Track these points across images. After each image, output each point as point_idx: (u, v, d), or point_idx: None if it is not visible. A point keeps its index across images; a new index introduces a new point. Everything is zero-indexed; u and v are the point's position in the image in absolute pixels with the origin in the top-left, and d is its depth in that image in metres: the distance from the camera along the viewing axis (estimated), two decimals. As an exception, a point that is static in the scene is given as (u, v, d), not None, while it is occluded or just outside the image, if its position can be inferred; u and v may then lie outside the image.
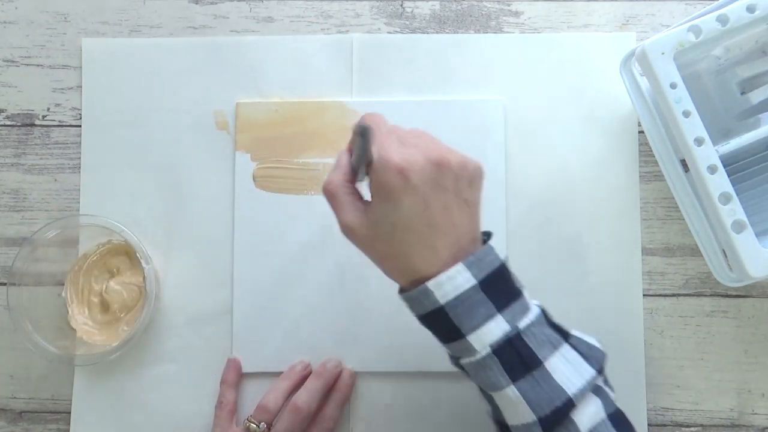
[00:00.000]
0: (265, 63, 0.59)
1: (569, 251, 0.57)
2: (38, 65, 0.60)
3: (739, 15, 0.48)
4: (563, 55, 0.59)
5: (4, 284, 0.56)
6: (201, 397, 0.57)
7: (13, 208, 0.59)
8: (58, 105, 0.60)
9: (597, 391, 0.42)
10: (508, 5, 0.60)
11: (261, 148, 0.58)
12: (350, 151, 0.45)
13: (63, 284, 0.57)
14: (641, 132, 0.58)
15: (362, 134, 0.41)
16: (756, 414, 0.56)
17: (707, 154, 0.47)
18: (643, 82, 0.53)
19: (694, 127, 0.47)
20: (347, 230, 0.43)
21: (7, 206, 0.59)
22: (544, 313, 0.44)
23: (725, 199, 0.47)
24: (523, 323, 0.41)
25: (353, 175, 0.43)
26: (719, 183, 0.47)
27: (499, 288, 0.42)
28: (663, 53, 0.48)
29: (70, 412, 0.57)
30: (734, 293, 0.57)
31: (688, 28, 0.48)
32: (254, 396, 0.56)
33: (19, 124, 0.60)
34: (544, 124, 0.58)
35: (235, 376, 0.56)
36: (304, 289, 0.57)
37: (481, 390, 0.44)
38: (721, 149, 0.50)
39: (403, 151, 0.41)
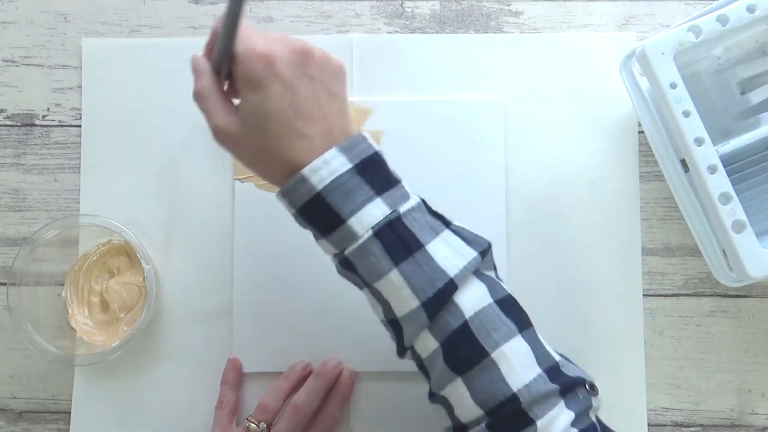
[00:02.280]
0: (265, 63, 0.59)
1: (569, 251, 0.57)
2: (38, 65, 0.60)
3: (739, 15, 0.48)
4: (563, 55, 0.59)
5: (4, 284, 0.56)
6: (201, 397, 0.57)
7: (13, 208, 0.59)
8: (58, 105, 0.60)
9: (481, 277, 0.43)
10: (508, 5, 0.60)
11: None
12: (208, 55, 0.44)
13: (63, 284, 0.57)
14: (641, 132, 0.58)
15: (233, 10, 0.40)
16: (756, 414, 0.56)
17: (707, 154, 0.47)
18: (643, 82, 0.53)
19: (694, 127, 0.47)
20: (219, 133, 0.43)
21: (7, 206, 0.59)
22: (424, 203, 0.43)
23: (725, 199, 0.47)
24: (404, 207, 0.41)
25: (218, 77, 0.43)
26: (719, 183, 0.47)
27: (376, 174, 0.42)
28: (663, 53, 0.48)
29: (70, 412, 0.57)
30: (734, 293, 0.57)
31: (688, 28, 0.48)
32: (254, 396, 0.56)
33: (19, 124, 0.60)
34: (544, 124, 0.58)
35: (236, 377, 0.56)
36: (304, 289, 0.57)
37: (371, 292, 0.43)
38: (721, 149, 0.50)
39: (266, 40, 0.41)
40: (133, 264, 0.58)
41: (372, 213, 0.41)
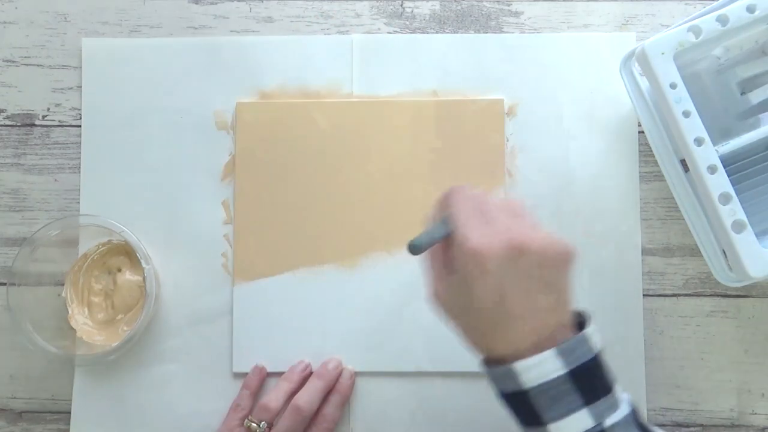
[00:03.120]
0: (265, 63, 0.59)
1: (569, 251, 0.57)
2: (38, 65, 0.60)
3: (739, 15, 0.48)
4: (563, 55, 0.59)
5: (4, 284, 0.56)
6: (201, 397, 0.57)
7: (13, 208, 0.59)
8: (58, 105, 0.60)
9: None
10: (508, 5, 0.60)
11: (261, 148, 0.58)
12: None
13: (63, 284, 0.57)
14: (641, 132, 0.58)
15: (444, 223, 0.42)
16: (756, 414, 0.56)
17: (707, 154, 0.47)
18: (643, 82, 0.53)
19: (694, 127, 0.47)
20: (432, 296, 0.43)
21: (7, 206, 0.59)
22: (634, 413, 0.41)
23: (725, 199, 0.47)
24: (609, 421, 0.39)
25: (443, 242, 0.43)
26: (719, 183, 0.47)
27: (590, 381, 0.40)
28: (663, 53, 0.48)
29: (70, 412, 0.57)
30: (734, 293, 0.57)
31: (688, 28, 0.48)
32: (254, 396, 0.56)
33: (19, 124, 0.60)
34: (544, 124, 0.58)
35: (258, 384, 0.56)
36: (304, 289, 0.57)
37: None
38: (721, 149, 0.50)
39: (483, 231, 0.40)
40: (133, 264, 0.58)
41: (575, 424, 0.39)
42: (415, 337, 0.57)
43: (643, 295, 0.57)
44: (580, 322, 0.42)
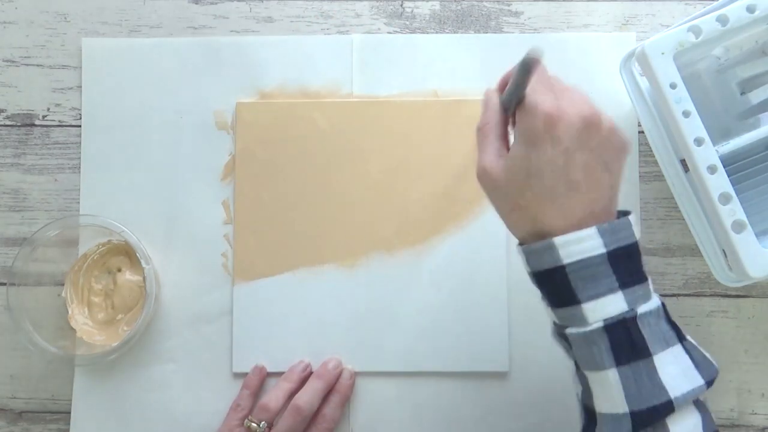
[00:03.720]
0: (265, 63, 0.59)
1: (569, 251, 0.57)
2: (38, 65, 0.60)
3: (739, 15, 0.48)
4: (563, 55, 0.59)
5: (4, 284, 0.56)
6: (201, 396, 0.57)
7: (13, 208, 0.59)
8: (58, 105, 0.60)
9: (700, 406, 0.40)
10: (508, 5, 0.60)
11: (261, 148, 0.58)
12: (501, 89, 0.43)
13: (63, 284, 0.57)
14: (641, 132, 0.58)
15: (525, 67, 0.39)
16: (756, 414, 0.56)
17: (707, 154, 0.47)
18: (643, 82, 0.53)
19: (694, 127, 0.47)
20: (482, 173, 0.41)
21: (7, 206, 0.59)
22: (664, 308, 0.41)
23: (725, 199, 0.47)
24: (642, 309, 0.39)
25: (504, 117, 0.42)
26: (719, 183, 0.47)
27: (627, 265, 0.39)
28: (663, 53, 0.48)
29: (70, 412, 0.57)
30: (734, 293, 0.57)
31: (688, 28, 0.48)
32: (254, 396, 0.56)
33: (19, 124, 0.60)
34: (544, 124, 0.58)
35: (258, 384, 0.56)
36: (304, 289, 0.57)
37: (577, 368, 0.42)
38: (721, 149, 0.50)
39: (555, 99, 0.39)
40: (133, 264, 0.58)
41: (609, 305, 0.39)
42: (415, 337, 0.57)
43: (643, 295, 0.57)
44: (620, 216, 0.41)
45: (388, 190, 0.58)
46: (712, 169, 0.47)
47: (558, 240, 0.39)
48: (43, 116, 0.60)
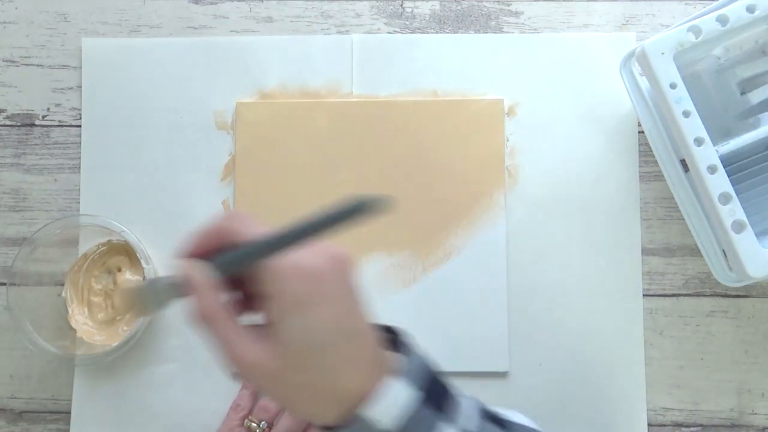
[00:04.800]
0: (265, 63, 0.59)
1: (569, 251, 0.57)
2: (38, 65, 0.60)
3: (739, 15, 0.48)
4: (563, 55, 0.59)
5: (4, 284, 0.56)
6: (201, 396, 0.57)
7: (13, 208, 0.59)
8: (58, 105, 0.60)
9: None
10: (508, 5, 0.60)
11: (261, 148, 0.58)
12: (198, 254, 0.35)
13: (63, 284, 0.57)
14: (641, 132, 0.58)
15: (359, 212, 0.33)
16: (756, 414, 0.56)
17: (707, 154, 0.47)
18: (643, 82, 0.53)
19: (694, 127, 0.47)
20: (250, 368, 0.33)
21: (7, 206, 0.59)
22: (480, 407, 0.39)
23: (725, 199, 0.47)
24: (472, 425, 0.36)
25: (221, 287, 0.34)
26: (719, 183, 0.47)
27: (438, 392, 0.36)
28: (663, 53, 0.48)
29: (70, 412, 0.57)
30: (734, 293, 0.57)
31: (688, 28, 0.48)
32: (254, 396, 0.56)
33: (19, 124, 0.60)
34: (544, 124, 0.58)
35: None
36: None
37: None
38: (721, 149, 0.50)
39: (308, 254, 0.34)
40: (133, 264, 0.58)
41: None
42: (415, 337, 0.56)
43: (643, 295, 0.57)
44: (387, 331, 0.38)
45: (388, 190, 0.58)
46: (712, 169, 0.47)
47: (374, 412, 0.33)
48: (43, 116, 0.60)
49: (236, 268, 0.34)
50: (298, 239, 0.33)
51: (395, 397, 0.34)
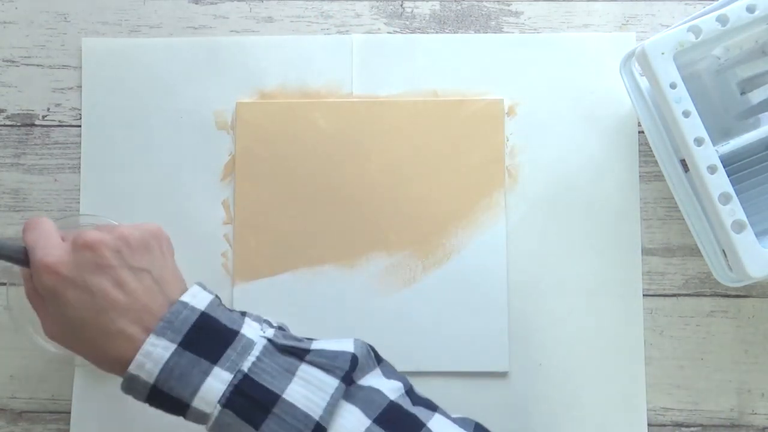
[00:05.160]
0: (265, 63, 0.59)
1: (569, 251, 0.57)
2: (38, 65, 0.60)
3: (739, 15, 0.48)
4: (563, 55, 0.59)
5: (4, 284, 0.56)
6: (201, 397, 0.56)
7: (13, 208, 0.59)
8: (58, 105, 0.60)
9: (353, 397, 0.40)
10: (508, 5, 0.60)
11: (261, 148, 0.58)
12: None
13: (63, 284, 0.57)
14: (641, 132, 0.58)
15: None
16: (756, 414, 0.56)
17: (707, 154, 0.47)
18: (643, 82, 0.53)
19: (694, 127, 0.47)
20: (52, 338, 0.43)
21: (7, 206, 0.59)
22: (274, 337, 0.41)
23: (725, 199, 0.47)
24: (247, 363, 0.39)
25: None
26: (719, 183, 0.47)
27: (207, 338, 0.39)
28: (663, 53, 0.48)
29: (70, 412, 0.57)
30: (734, 293, 0.57)
31: (688, 28, 0.48)
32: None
33: (19, 124, 0.60)
34: (544, 124, 0.58)
35: None
36: (302, 290, 0.57)
37: None
38: (721, 149, 0.50)
39: (48, 249, 0.41)
40: (133, 264, 0.58)
41: (213, 386, 0.39)
42: (415, 337, 0.57)
43: (643, 295, 0.57)
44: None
45: (389, 190, 0.58)
46: (712, 169, 0.47)
47: (132, 368, 0.39)
48: (43, 116, 0.60)
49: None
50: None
51: (148, 353, 0.39)
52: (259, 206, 0.58)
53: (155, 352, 0.39)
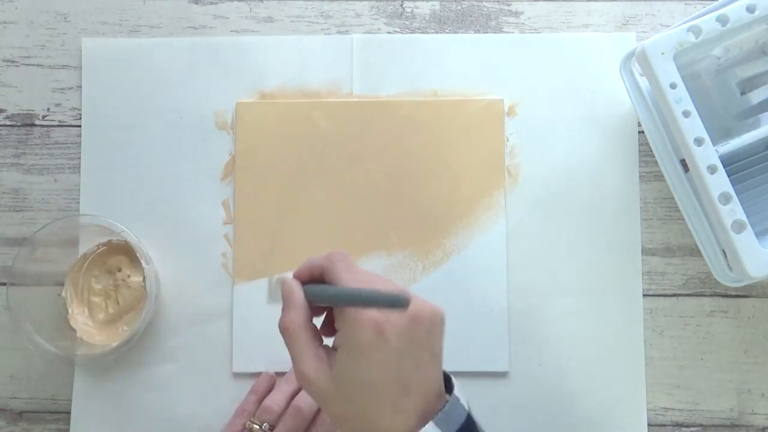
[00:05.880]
0: (265, 63, 0.59)
1: (569, 251, 0.57)
2: (38, 65, 0.60)
3: (739, 15, 0.48)
4: (563, 55, 0.59)
5: (4, 284, 0.56)
6: (201, 396, 0.57)
7: (13, 208, 0.59)
8: (58, 105, 0.60)
9: None
10: (508, 5, 0.60)
11: (261, 148, 0.58)
12: (300, 277, 0.42)
13: (63, 284, 0.57)
14: (641, 132, 0.58)
15: (391, 304, 0.37)
16: (756, 414, 0.56)
17: (707, 154, 0.47)
18: (643, 82, 0.53)
19: (694, 127, 0.47)
20: (306, 382, 0.39)
21: (7, 206, 0.59)
22: None
23: (725, 199, 0.47)
24: None
25: (310, 313, 0.40)
26: (719, 183, 0.47)
27: None
28: (663, 53, 0.48)
29: (70, 412, 0.57)
30: (734, 293, 0.57)
31: (688, 28, 0.48)
32: (254, 396, 0.56)
33: (19, 124, 0.60)
34: (544, 124, 0.58)
35: (267, 391, 0.55)
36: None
37: None
38: (721, 149, 0.50)
39: (420, 304, 0.39)
40: (133, 264, 0.58)
41: None
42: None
43: (643, 295, 0.57)
44: (446, 386, 0.41)
45: (389, 190, 0.58)
46: (712, 169, 0.47)
47: None
48: (43, 116, 0.60)
49: (319, 302, 0.41)
50: (353, 302, 0.39)
51: None
52: (259, 206, 0.58)
53: None
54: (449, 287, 0.57)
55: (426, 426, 0.38)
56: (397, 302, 0.36)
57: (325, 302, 0.41)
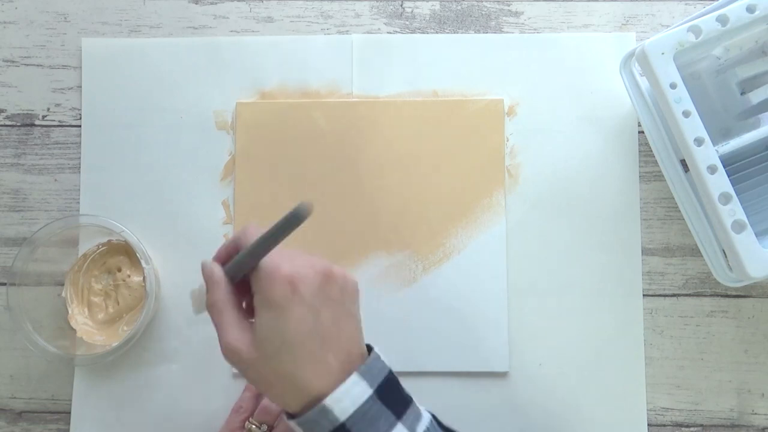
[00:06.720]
0: (265, 63, 0.59)
1: (569, 251, 0.57)
2: (38, 65, 0.60)
3: (739, 15, 0.48)
4: (563, 55, 0.59)
5: (4, 284, 0.56)
6: (201, 396, 0.57)
7: (13, 208, 0.59)
8: (58, 105, 0.60)
9: None
10: (508, 5, 0.60)
11: (261, 148, 0.58)
12: (219, 259, 0.43)
13: (63, 284, 0.57)
14: (641, 132, 0.58)
15: (295, 219, 0.38)
16: (756, 414, 0.56)
17: (707, 154, 0.47)
18: (643, 82, 0.53)
19: (694, 127, 0.47)
20: (230, 352, 0.40)
21: (7, 206, 0.59)
22: (435, 418, 0.43)
23: (725, 199, 0.47)
24: (419, 429, 0.41)
25: (234, 289, 0.42)
26: (719, 183, 0.47)
27: (393, 395, 0.41)
28: (663, 53, 0.48)
29: (70, 412, 0.57)
30: (734, 293, 0.57)
31: (688, 28, 0.48)
32: (254, 396, 0.56)
33: (19, 124, 0.60)
34: (544, 124, 0.58)
35: None
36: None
37: None
38: (721, 149, 0.50)
39: (291, 262, 0.40)
40: (133, 264, 0.58)
41: None
42: (415, 337, 0.57)
43: (643, 295, 0.57)
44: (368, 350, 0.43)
45: (389, 190, 0.58)
46: (712, 169, 0.47)
47: (329, 401, 0.39)
48: (43, 116, 0.60)
49: (237, 271, 0.41)
50: (264, 247, 0.40)
51: (348, 390, 0.39)
52: (259, 206, 0.58)
53: (354, 391, 0.39)
54: (449, 287, 0.57)
55: (350, 377, 0.39)
56: (297, 212, 0.37)
57: (241, 269, 0.41)
